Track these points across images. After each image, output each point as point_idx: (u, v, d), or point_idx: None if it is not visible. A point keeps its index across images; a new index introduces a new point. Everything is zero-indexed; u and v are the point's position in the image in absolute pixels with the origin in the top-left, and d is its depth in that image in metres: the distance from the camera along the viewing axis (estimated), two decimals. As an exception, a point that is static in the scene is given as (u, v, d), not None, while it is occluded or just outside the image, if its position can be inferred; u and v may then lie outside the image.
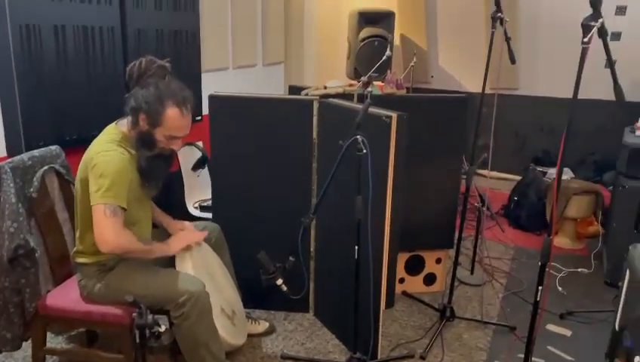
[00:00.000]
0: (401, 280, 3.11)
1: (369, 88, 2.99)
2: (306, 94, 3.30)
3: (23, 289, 1.99)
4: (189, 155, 3.34)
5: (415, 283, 3.14)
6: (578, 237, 3.90)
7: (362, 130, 1.95)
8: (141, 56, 2.03)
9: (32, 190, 2.07)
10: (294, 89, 3.60)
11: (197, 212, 3.29)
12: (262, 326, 2.67)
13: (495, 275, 3.36)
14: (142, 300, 1.70)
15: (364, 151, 1.94)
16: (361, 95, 2.93)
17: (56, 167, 2.23)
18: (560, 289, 3.20)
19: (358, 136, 1.94)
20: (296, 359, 2.49)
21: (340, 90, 3.17)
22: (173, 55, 3.21)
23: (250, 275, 2.27)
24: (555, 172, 1.85)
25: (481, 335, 2.72)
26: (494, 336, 2.72)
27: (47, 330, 2.17)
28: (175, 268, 2.14)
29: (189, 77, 3.19)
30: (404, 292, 3.11)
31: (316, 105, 2.58)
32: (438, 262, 3.13)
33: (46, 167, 2.17)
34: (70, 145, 2.48)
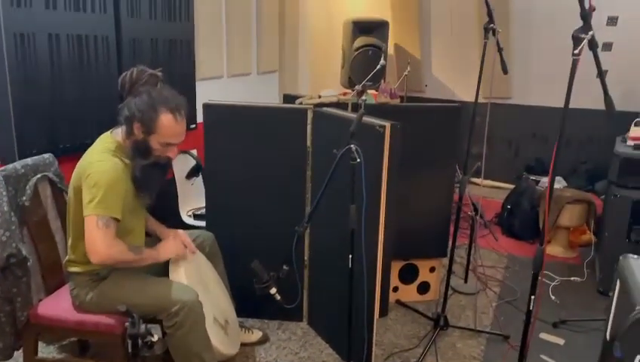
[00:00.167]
0: (395, 289, 3.11)
1: (363, 97, 3.01)
2: (301, 103, 3.32)
3: (14, 298, 1.97)
4: (183, 163, 3.35)
5: (409, 292, 3.14)
6: (571, 246, 3.92)
7: (356, 139, 1.96)
8: (135, 66, 2.04)
9: (24, 198, 2.06)
10: (289, 97, 3.61)
11: (190, 220, 3.28)
12: (255, 336, 2.66)
13: (489, 284, 3.37)
14: (134, 309, 1.69)
15: (358, 160, 1.94)
16: (355, 104, 2.95)
17: (50, 175, 2.22)
18: (553, 297, 3.21)
19: (352, 145, 1.95)
20: (289, 368, 2.48)
21: (334, 99, 3.19)
22: (168, 64, 3.22)
23: (244, 284, 2.27)
24: (548, 180, 1.86)
25: (474, 344, 2.72)
26: (488, 345, 2.72)
27: (38, 340, 2.15)
28: (168, 277, 2.13)
29: (183, 85, 3.20)
30: (398, 301, 3.11)
31: (310, 114, 2.59)
32: (431, 270, 3.14)
33: (39, 176, 2.16)
34: (64, 154, 2.47)
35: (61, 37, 2.55)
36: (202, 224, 2.93)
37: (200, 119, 2.69)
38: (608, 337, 1.74)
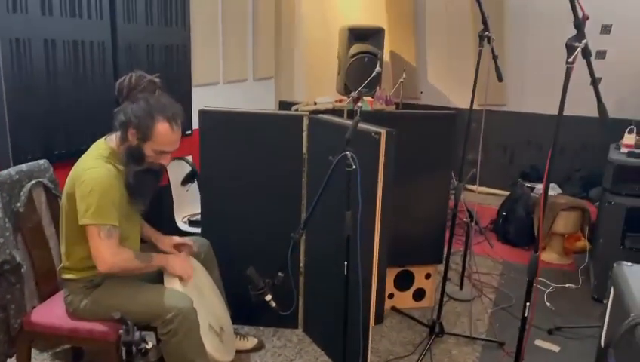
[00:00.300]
0: (391, 296, 3.10)
1: (359, 104, 3.02)
2: (296, 110, 3.33)
3: (7, 305, 1.96)
4: (178, 170, 3.35)
5: (404, 299, 3.13)
6: (566, 253, 3.93)
7: (352, 146, 1.96)
8: (132, 71, 2.04)
9: (18, 205, 2.05)
10: (285, 104, 3.62)
11: (186, 226, 3.27)
12: (250, 342, 2.65)
13: (484, 290, 3.37)
14: (129, 316, 1.69)
15: (354, 166, 1.95)
16: (351, 111, 2.96)
17: (44, 181, 2.22)
18: (548, 304, 3.22)
19: (347, 152, 1.95)
20: (284, 375, 2.47)
21: (330, 105, 3.19)
22: (164, 70, 3.21)
23: (240, 291, 2.26)
24: (542, 187, 1.86)
25: (469, 351, 2.72)
26: (483, 352, 2.72)
27: (32, 347, 2.13)
28: (163, 284, 2.12)
29: (179, 91, 3.20)
30: (394, 308, 3.10)
31: (306, 121, 2.59)
32: (427, 277, 3.14)
33: (34, 182, 2.15)
34: (58, 160, 2.46)
35: (57, 43, 2.54)
36: (197, 230, 2.93)
37: (196, 125, 2.69)
38: (603, 344, 1.74)
